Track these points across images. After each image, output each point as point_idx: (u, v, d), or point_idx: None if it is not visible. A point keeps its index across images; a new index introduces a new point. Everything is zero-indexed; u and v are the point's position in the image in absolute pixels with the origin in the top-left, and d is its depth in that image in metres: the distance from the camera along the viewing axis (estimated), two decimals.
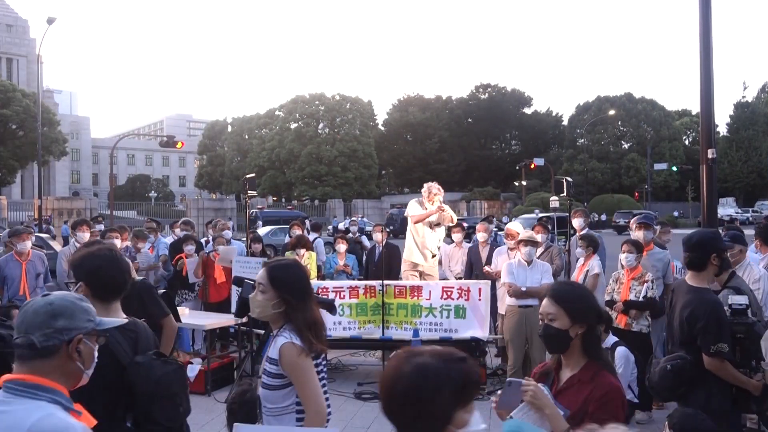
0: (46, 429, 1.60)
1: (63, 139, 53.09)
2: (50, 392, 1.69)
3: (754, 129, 62.75)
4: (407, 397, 1.45)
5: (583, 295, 2.47)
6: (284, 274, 2.57)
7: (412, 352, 1.55)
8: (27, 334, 1.73)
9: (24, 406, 1.64)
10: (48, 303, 1.78)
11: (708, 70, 8.66)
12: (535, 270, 6.50)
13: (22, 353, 1.73)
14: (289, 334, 2.49)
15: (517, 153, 72.01)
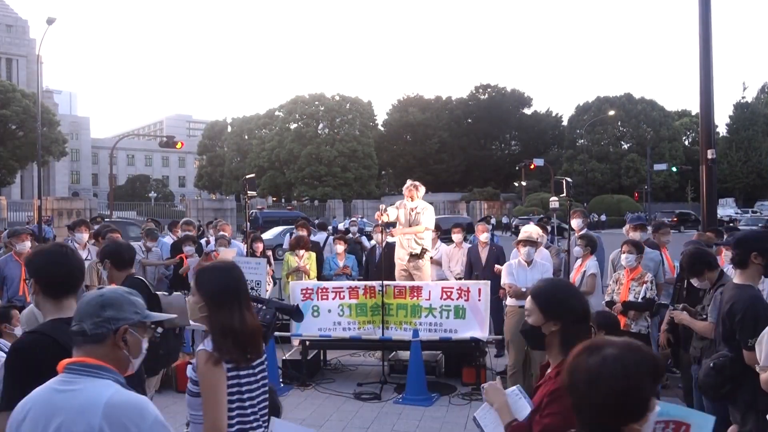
0: (121, 402, 1.78)
1: (63, 140, 53.04)
2: (111, 372, 1.87)
3: (753, 129, 62.79)
4: (613, 388, 1.50)
5: (559, 294, 2.44)
6: (208, 278, 2.54)
7: (597, 345, 1.60)
8: (80, 322, 1.93)
9: (92, 383, 1.81)
10: (99, 295, 1.98)
11: (708, 70, 8.67)
12: (535, 270, 6.49)
13: (77, 339, 1.93)
14: (208, 340, 2.44)
15: (517, 153, 72.00)
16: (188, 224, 10.20)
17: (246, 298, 2.56)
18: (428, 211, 7.93)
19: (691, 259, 4.43)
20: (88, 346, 1.90)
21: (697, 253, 4.51)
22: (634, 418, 1.51)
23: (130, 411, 1.78)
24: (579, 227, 7.78)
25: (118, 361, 1.93)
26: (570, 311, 2.40)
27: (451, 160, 68.68)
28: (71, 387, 1.81)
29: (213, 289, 2.49)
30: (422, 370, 6.48)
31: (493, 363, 7.58)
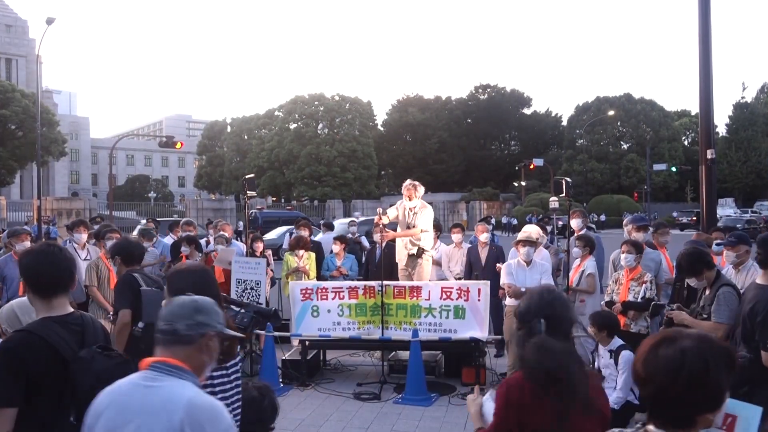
0: (202, 404, 1.85)
1: (62, 140, 53.03)
2: (191, 375, 1.93)
3: (753, 129, 62.82)
4: (695, 380, 1.54)
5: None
6: (177, 280, 2.62)
7: (671, 337, 1.63)
8: (172, 323, 1.97)
9: (174, 383, 1.88)
10: (193, 300, 2.06)
11: (707, 70, 8.67)
12: (535, 270, 6.50)
13: (165, 339, 1.98)
14: None
15: (517, 153, 72.02)
16: (189, 224, 10.21)
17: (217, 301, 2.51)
18: (425, 211, 7.88)
19: (690, 258, 4.42)
20: (176, 347, 1.95)
21: (697, 253, 4.51)
22: (710, 408, 1.56)
23: (209, 413, 1.85)
24: (579, 227, 7.79)
25: (199, 364, 1.99)
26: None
27: (450, 160, 68.69)
28: (154, 383, 1.88)
29: (182, 290, 2.44)
30: (422, 370, 6.49)
31: (493, 363, 7.58)
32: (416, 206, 7.86)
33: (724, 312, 4.20)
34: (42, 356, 2.31)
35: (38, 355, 2.31)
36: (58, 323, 2.44)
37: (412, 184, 7.97)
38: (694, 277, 4.41)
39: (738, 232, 5.48)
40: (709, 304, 4.29)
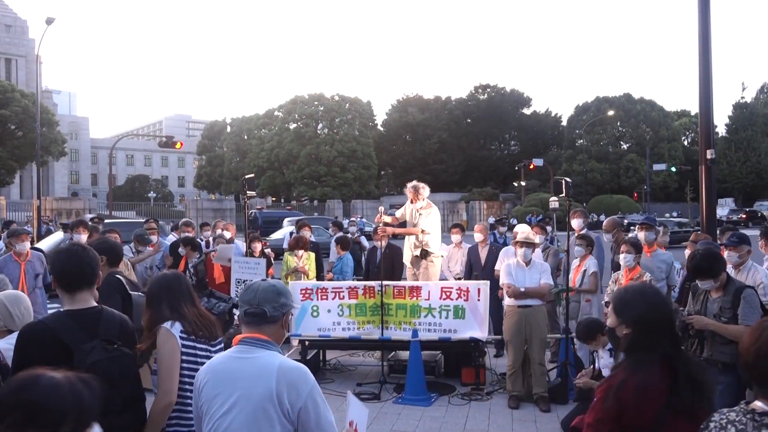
0: (291, 367, 2.26)
1: (62, 140, 53.05)
2: (276, 346, 2.35)
3: (752, 129, 62.84)
4: None
5: (627, 297, 2.53)
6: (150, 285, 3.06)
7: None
8: (260, 305, 2.34)
9: (266, 353, 2.29)
10: (272, 285, 2.43)
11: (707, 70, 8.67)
12: (534, 270, 6.51)
13: (254, 320, 2.35)
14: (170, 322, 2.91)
15: (516, 153, 72.04)
16: (187, 225, 10.25)
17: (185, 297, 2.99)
18: (431, 212, 7.86)
19: (711, 259, 4.23)
20: (264, 326, 2.34)
21: (716, 253, 4.36)
22: None
23: (297, 373, 2.25)
24: (579, 227, 7.80)
25: (279, 337, 2.41)
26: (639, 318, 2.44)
27: (450, 160, 68.70)
28: (249, 355, 2.29)
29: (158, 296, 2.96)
30: (421, 370, 6.49)
31: (493, 363, 7.59)
32: (422, 207, 7.85)
33: (755, 314, 4.11)
34: (48, 347, 2.50)
35: (44, 346, 2.50)
36: (72, 316, 2.64)
37: (414, 187, 7.95)
38: (712, 278, 4.19)
39: (739, 233, 5.47)
40: (729, 307, 4.16)
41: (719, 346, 4.19)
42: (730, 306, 4.17)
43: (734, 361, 4.06)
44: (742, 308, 4.13)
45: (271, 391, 2.19)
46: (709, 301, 4.29)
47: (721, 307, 4.21)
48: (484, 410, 6.16)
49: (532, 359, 6.36)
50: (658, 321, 2.42)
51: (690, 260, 4.24)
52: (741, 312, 4.13)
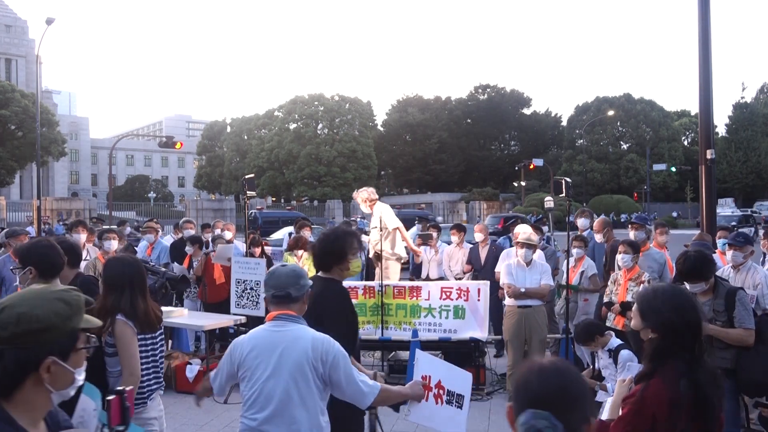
0: (321, 337, 2.74)
1: (62, 140, 53.04)
2: (303, 320, 2.82)
3: (752, 129, 62.78)
4: None
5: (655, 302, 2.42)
6: (110, 267, 3.37)
7: None
8: (285, 288, 2.80)
9: (297, 326, 2.77)
10: (292, 269, 2.89)
11: (707, 70, 8.68)
12: (534, 271, 6.50)
13: (281, 300, 2.81)
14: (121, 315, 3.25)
15: (516, 153, 72.02)
16: (188, 222, 10.28)
17: (140, 286, 3.30)
18: (382, 209, 7.85)
19: (702, 261, 4.10)
20: (291, 304, 2.80)
21: (707, 256, 4.26)
22: None
23: (326, 344, 2.71)
24: (584, 227, 7.80)
25: (302, 312, 2.86)
26: (665, 322, 2.34)
27: (450, 160, 68.67)
28: (284, 328, 2.76)
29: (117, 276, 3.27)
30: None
31: (493, 363, 7.58)
32: (382, 212, 7.82)
33: (750, 317, 4.06)
34: None
35: None
36: None
37: (361, 199, 7.94)
38: (703, 281, 4.08)
39: (744, 232, 5.47)
40: (723, 310, 4.08)
41: (718, 352, 4.09)
42: (724, 309, 4.07)
43: (734, 366, 4.01)
44: (738, 311, 4.04)
45: (308, 355, 2.66)
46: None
47: (714, 310, 4.11)
48: (485, 410, 6.16)
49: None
50: (686, 326, 2.33)
51: (682, 262, 4.09)
52: (737, 315, 4.04)
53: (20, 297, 1.62)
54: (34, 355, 1.54)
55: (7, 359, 1.53)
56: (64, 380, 1.61)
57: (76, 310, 1.63)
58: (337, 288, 3.59)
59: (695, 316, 2.37)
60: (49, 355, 1.56)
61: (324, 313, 3.29)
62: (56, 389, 1.60)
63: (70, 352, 1.61)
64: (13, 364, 1.53)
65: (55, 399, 1.64)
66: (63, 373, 1.59)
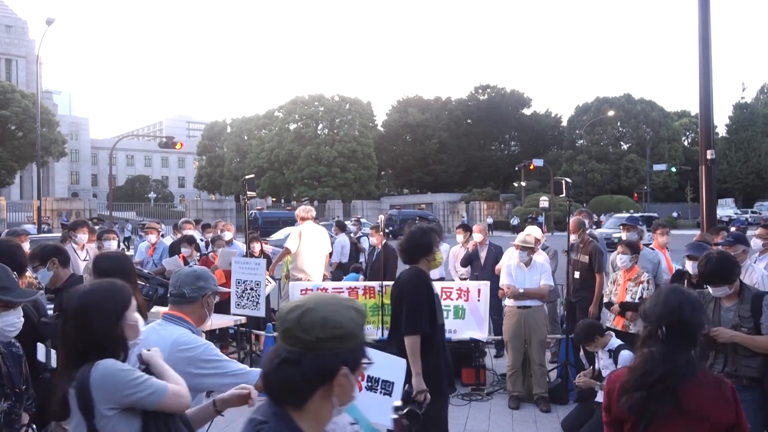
0: (183, 338, 2.70)
1: (62, 140, 53.05)
2: (188, 323, 2.77)
3: (753, 130, 62.78)
4: None
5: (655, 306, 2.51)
6: (101, 263, 3.36)
7: None
8: (180, 288, 2.77)
9: (173, 328, 2.74)
10: (193, 270, 2.86)
11: (707, 71, 8.67)
12: (534, 271, 6.50)
13: (175, 300, 2.80)
14: None
15: (517, 154, 72.02)
16: (188, 223, 10.23)
17: (133, 282, 3.29)
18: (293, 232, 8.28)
19: (727, 263, 3.82)
20: (183, 305, 2.78)
21: (733, 258, 4.00)
22: None
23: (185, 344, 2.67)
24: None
25: (200, 316, 2.82)
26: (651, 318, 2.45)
27: (450, 160, 68.68)
28: (162, 328, 2.76)
29: (106, 271, 3.15)
30: None
31: (493, 363, 7.58)
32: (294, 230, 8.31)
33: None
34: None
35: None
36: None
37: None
38: (727, 284, 3.79)
39: (736, 232, 5.47)
40: (749, 316, 3.79)
41: (744, 360, 3.79)
42: (750, 315, 3.78)
43: (761, 375, 3.77)
44: (765, 316, 3.75)
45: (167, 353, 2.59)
46: (723, 309, 3.85)
47: (740, 316, 3.82)
48: (485, 411, 6.16)
49: (531, 360, 6.35)
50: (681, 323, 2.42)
51: (704, 264, 3.83)
52: (765, 321, 3.74)
53: (314, 300, 1.52)
54: (332, 364, 1.44)
55: (306, 366, 1.42)
56: (347, 396, 1.50)
57: (364, 321, 1.54)
58: (421, 274, 4.07)
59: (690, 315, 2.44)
60: (344, 366, 1.45)
61: (403, 295, 3.96)
62: (341, 403, 1.50)
63: (358, 365, 1.50)
64: (312, 372, 1.42)
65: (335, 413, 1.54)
66: (349, 388, 1.48)
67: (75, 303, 2.18)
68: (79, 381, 2.05)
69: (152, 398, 2.10)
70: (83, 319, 2.13)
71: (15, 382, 2.62)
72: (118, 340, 2.17)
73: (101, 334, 2.12)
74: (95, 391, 2.04)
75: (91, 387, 2.04)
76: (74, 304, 2.18)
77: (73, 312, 2.16)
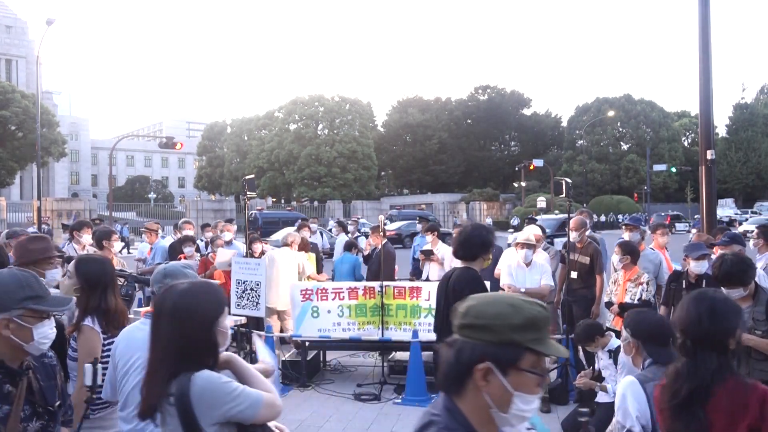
0: None
1: (62, 140, 53.02)
2: None
3: (753, 130, 62.83)
4: None
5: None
6: (84, 265, 3.27)
7: None
8: (152, 285, 2.79)
9: None
10: (163, 268, 2.87)
11: (707, 71, 8.68)
12: (534, 271, 6.50)
13: (151, 298, 2.88)
14: (90, 318, 3.13)
15: (517, 154, 72.06)
16: (188, 223, 10.24)
17: (113, 285, 3.26)
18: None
19: (742, 265, 3.75)
20: None
21: (748, 260, 3.91)
22: None
23: None
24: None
25: None
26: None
27: (450, 160, 68.69)
28: (145, 327, 2.57)
29: (87, 274, 3.18)
30: (422, 371, 6.48)
31: None
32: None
33: None
34: None
35: None
36: None
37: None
38: (741, 286, 3.72)
39: (731, 232, 5.47)
40: (764, 319, 3.73)
41: (757, 363, 3.72)
42: (765, 317, 3.71)
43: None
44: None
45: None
46: None
47: (754, 318, 3.74)
48: None
49: None
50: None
51: (718, 266, 3.76)
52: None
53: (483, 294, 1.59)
54: (469, 353, 1.44)
55: (455, 349, 1.46)
56: (501, 398, 1.45)
57: (527, 324, 1.44)
58: (474, 275, 4.25)
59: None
60: (485, 360, 1.43)
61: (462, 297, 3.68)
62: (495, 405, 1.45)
63: (509, 367, 1.43)
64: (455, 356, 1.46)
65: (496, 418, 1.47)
66: (499, 388, 1.44)
67: (172, 302, 2.07)
68: (179, 395, 1.94)
69: (249, 411, 2.00)
70: (180, 320, 2.02)
71: (48, 400, 2.40)
72: (211, 346, 2.05)
73: (196, 337, 2.02)
74: (197, 408, 1.93)
75: (192, 403, 1.93)
76: (171, 304, 2.07)
77: (170, 311, 2.05)
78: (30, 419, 2.28)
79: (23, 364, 2.31)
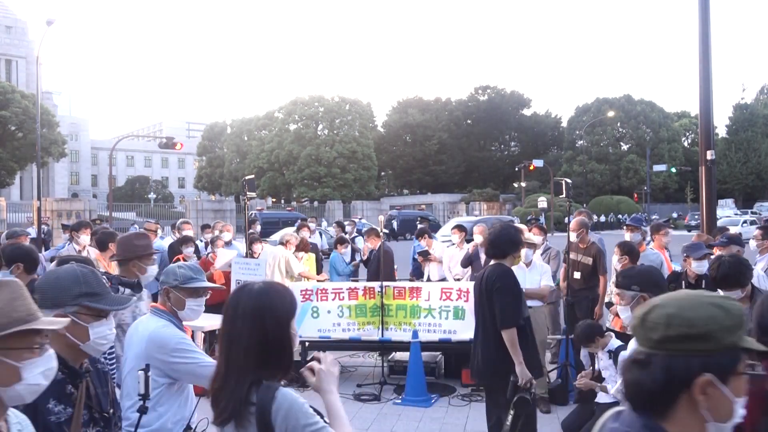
0: (161, 330, 2.91)
1: (62, 141, 53.02)
2: (167, 314, 3.03)
3: (753, 130, 62.84)
4: None
5: None
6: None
7: None
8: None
9: (155, 320, 3.00)
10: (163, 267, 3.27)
11: (707, 71, 8.68)
12: (534, 271, 6.49)
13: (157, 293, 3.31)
14: None
15: (516, 154, 72.08)
16: (187, 224, 10.23)
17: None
18: None
19: (738, 266, 3.76)
20: (159, 299, 3.13)
21: (745, 261, 3.93)
22: None
23: (163, 336, 2.89)
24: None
25: (170, 309, 3.05)
26: None
27: (450, 161, 68.72)
28: (149, 319, 3.04)
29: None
30: (422, 371, 6.48)
31: None
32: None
33: None
34: None
35: None
36: None
37: None
38: (739, 288, 3.74)
39: (729, 233, 5.46)
40: None
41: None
42: None
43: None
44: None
45: (143, 350, 2.87)
46: None
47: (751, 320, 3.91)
48: (485, 411, 6.15)
49: None
50: None
51: (716, 268, 3.77)
52: None
53: (668, 297, 1.39)
54: (684, 368, 1.28)
55: (655, 367, 1.29)
56: (723, 409, 1.31)
57: (738, 323, 1.33)
58: (506, 270, 4.42)
59: None
60: (704, 372, 1.28)
61: (494, 289, 4.28)
62: (715, 419, 1.30)
63: (729, 374, 1.31)
64: (661, 375, 1.29)
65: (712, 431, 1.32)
66: (721, 400, 1.30)
67: (250, 302, 1.98)
68: (260, 409, 1.88)
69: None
70: (261, 320, 1.95)
71: (103, 406, 2.31)
72: (287, 346, 2.00)
73: (272, 338, 1.95)
74: (278, 428, 1.88)
75: (273, 421, 1.88)
76: (249, 304, 1.98)
77: (248, 311, 1.96)
78: (88, 424, 2.19)
79: (82, 366, 2.21)
